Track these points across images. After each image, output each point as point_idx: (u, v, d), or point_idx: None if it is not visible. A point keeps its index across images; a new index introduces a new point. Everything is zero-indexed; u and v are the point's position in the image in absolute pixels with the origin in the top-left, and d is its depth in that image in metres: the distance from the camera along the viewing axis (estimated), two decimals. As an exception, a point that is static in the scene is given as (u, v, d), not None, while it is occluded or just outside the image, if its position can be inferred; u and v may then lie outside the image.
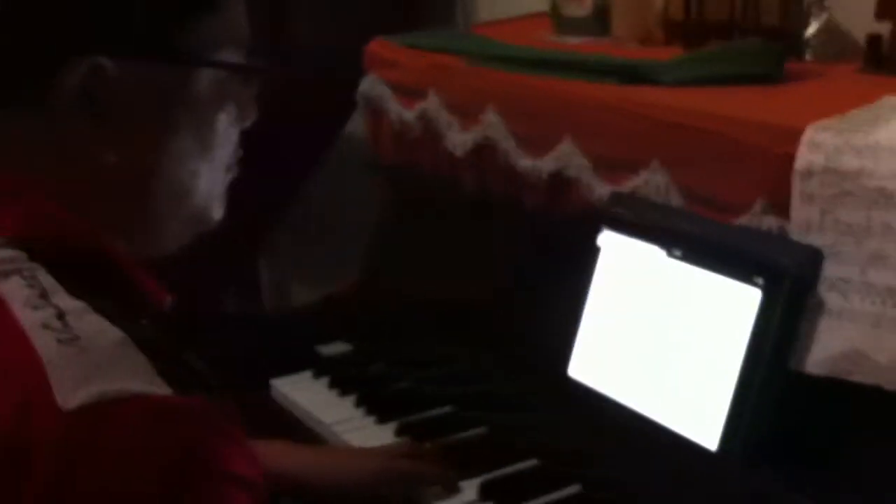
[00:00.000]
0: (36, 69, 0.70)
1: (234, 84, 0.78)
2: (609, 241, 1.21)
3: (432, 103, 1.52)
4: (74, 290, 0.66)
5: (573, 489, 1.12)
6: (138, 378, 0.62)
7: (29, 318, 0.63)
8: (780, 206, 1.06)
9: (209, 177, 0.78)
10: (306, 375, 1.42)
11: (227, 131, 0.79)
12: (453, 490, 1.13)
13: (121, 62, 0.71)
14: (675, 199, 1.18)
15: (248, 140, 0.82)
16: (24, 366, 0.61)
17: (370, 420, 1.30)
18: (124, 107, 0.72)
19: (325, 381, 1.40)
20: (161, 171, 0.75)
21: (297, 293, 2.17)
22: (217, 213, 0.81)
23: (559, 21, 1.58)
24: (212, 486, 0.63)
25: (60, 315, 0.63)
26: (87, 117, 0.71)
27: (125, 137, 0.72)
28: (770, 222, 1.07)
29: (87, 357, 0.62)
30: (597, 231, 1.22)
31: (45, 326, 0.62)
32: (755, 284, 1.04)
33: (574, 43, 1.53)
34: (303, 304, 1.75)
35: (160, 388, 0.62)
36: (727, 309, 1.06)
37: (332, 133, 1.97)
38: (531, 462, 1.18)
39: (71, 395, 0.59)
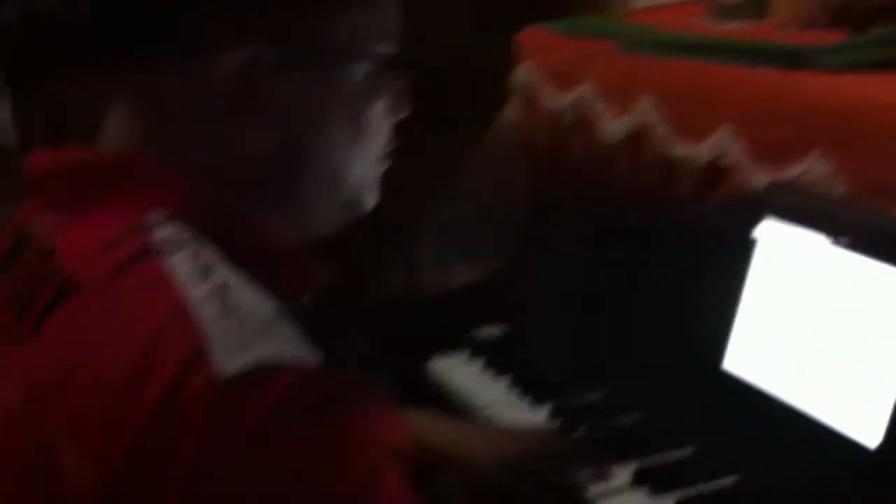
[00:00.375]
0: (201, 50, 0.73)
1: (386, 77, 0.80)
2: (768, 232, 1.19)
3: (586, 91, 1.52)
4: (233, 266, 0.69)
5: (728, 480, 1.12)
6: (293, 348, 0.65)
7: (193, 290, 0.66)
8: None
9: (361, 166, 0.81)
10: (462, 356, 1.46)
11: (379, 123, 0.81)
12: (600, 474, 1.14)
13: (281, 51, 0.73)
14: (838, 189, 1.15)
15: (405, 125, 0.85)
16: (185, 335, 0.64)
17: (524, 403, 1.33)
18: (278, 94, 0.74)
19: (480, 361, 1.43)
20: (314, 157, 0.78)
21: (455, 274, 2.21)
22: (369, 201, 0.83)
23: (715, 6, 1.56)
24: (359, 455, 0.64)
25: (222, 288, 0.67)
26: (244, 102, 0.73)
27: (281, 123, 0.75)
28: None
29: (245, 327, 0.65)
30: (754, 221, 1.20)
31: (208, 298, 0.66)
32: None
33: (731, 28, 1.51)
34: (459, 285, 1.79)
35: (313, 359, 0.65)
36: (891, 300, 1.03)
37: (486, 119, 2.00)
38: (686, 450, 1.18)
39: (230, 361, 0.62)
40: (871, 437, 1.03)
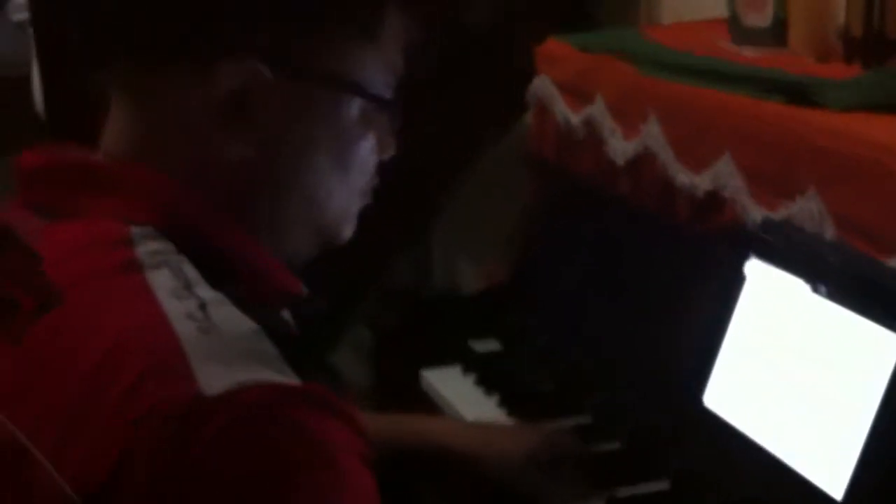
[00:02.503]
0: (203, 58, 0.74)
1: (379, 117, 0.81)
2: (756, 270, 1.19)
3: (598, 108, 1.52)
4: (212, 282, 0.71)
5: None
6: (269, 368, 0.66)
7: (174, 307, 0.67)
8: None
9: (342, 197, 0.82)
10: (456, 370, 1.47)
11: (366, 159, 0.82)
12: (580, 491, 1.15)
13: (280, 70, 0.74)
14: (829, 231, 1.14)
15: (416, 128, 0.85)
16: (168, 351, 0.65)
17: (510, 422, 1.33)
18: (272, 115, 0.75)
19: (472, 377, 1.45)
20: (298, 180, 0.79)
21: (463, 275, 2.23)
22: (346, 233, 0.85)
23: (737, 30, 1.53)
24: (326, 465, 0.65)
25: (202, 306, 0.68)
26: (236, 115, 0.74)
27: (269, 142, 0.76)
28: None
29: (224, 346, 0.66)
30: (745, 258, 1.20)
31: (188, 317, 0.67)
32: (896, 330, 1.00)
33: (751, 55, 1.48)
34: (465, 292, 1.80)
35: (288, 377, 0.66)
36: (866, 353, 1.03)
37: (500, 126, 2.00)
38: (662, 484, 1.18)
39: (212, 382, 0.63)
40: (836, 486, 1.03)
